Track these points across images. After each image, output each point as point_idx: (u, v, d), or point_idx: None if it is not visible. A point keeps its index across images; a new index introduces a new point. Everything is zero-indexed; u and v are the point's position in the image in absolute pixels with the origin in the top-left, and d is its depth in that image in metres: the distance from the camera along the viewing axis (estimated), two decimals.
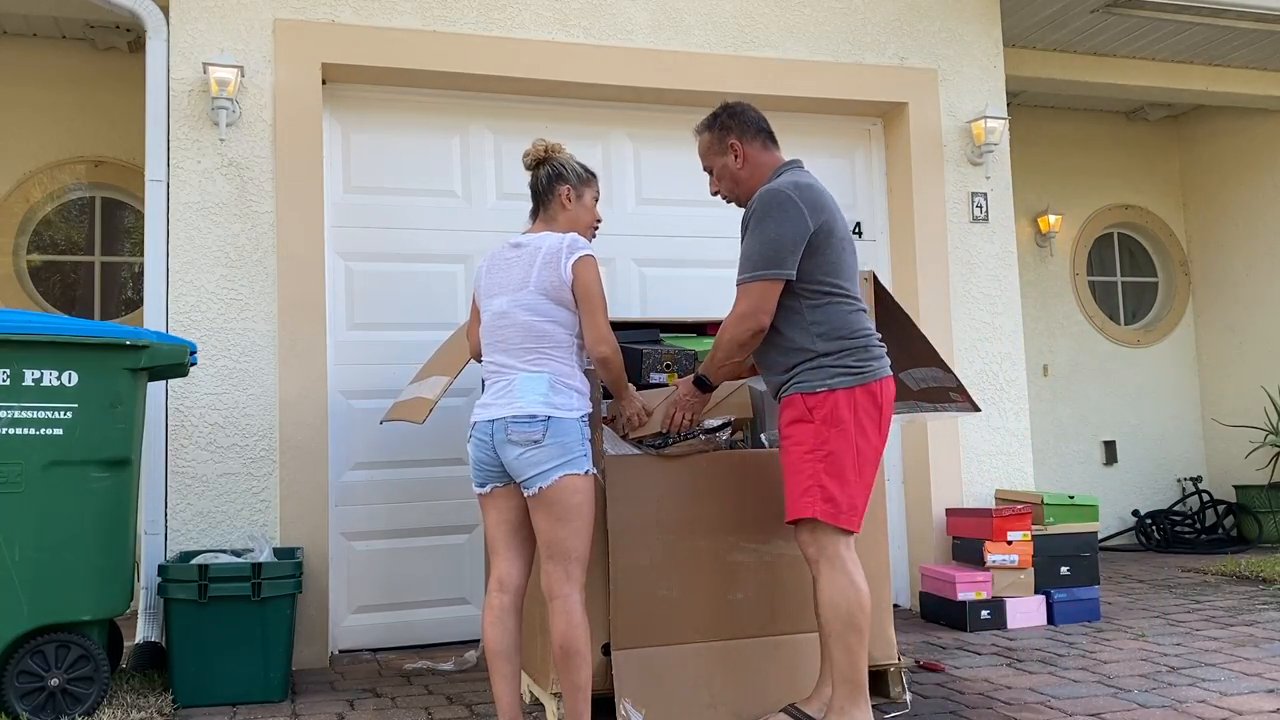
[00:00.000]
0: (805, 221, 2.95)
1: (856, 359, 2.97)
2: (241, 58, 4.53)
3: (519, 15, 4.93)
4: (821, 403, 2.95)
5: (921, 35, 5.56)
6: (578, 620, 2.89)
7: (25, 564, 3.42)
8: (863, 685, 2.91)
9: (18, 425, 3.45)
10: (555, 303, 2.96)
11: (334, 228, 4.81)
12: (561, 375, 2.95)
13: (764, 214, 2.97)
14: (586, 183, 3.18)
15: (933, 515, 5.27)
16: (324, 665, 4.41)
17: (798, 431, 2.99)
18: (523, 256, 3.02)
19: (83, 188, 5.95)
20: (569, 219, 3.13)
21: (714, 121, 3.24)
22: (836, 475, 2.93)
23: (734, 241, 5.36)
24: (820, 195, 3.04)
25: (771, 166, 3.18)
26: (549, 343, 2.96)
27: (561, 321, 2.97)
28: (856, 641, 2.89)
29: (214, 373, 4.42)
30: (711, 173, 3.27)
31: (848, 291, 3.03)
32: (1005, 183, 5.65)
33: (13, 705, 3.39)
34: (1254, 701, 3.46)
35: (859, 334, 3.01)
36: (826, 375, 2.96)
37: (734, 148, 3.18)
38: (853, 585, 2.90)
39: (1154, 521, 7.60)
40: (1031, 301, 7.62)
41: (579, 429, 2.93)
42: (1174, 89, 6.89)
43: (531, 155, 3.18)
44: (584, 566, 2.94)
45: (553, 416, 2.88)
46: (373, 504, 4.75)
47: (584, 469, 2.91)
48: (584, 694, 2.89)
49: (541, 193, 3.15)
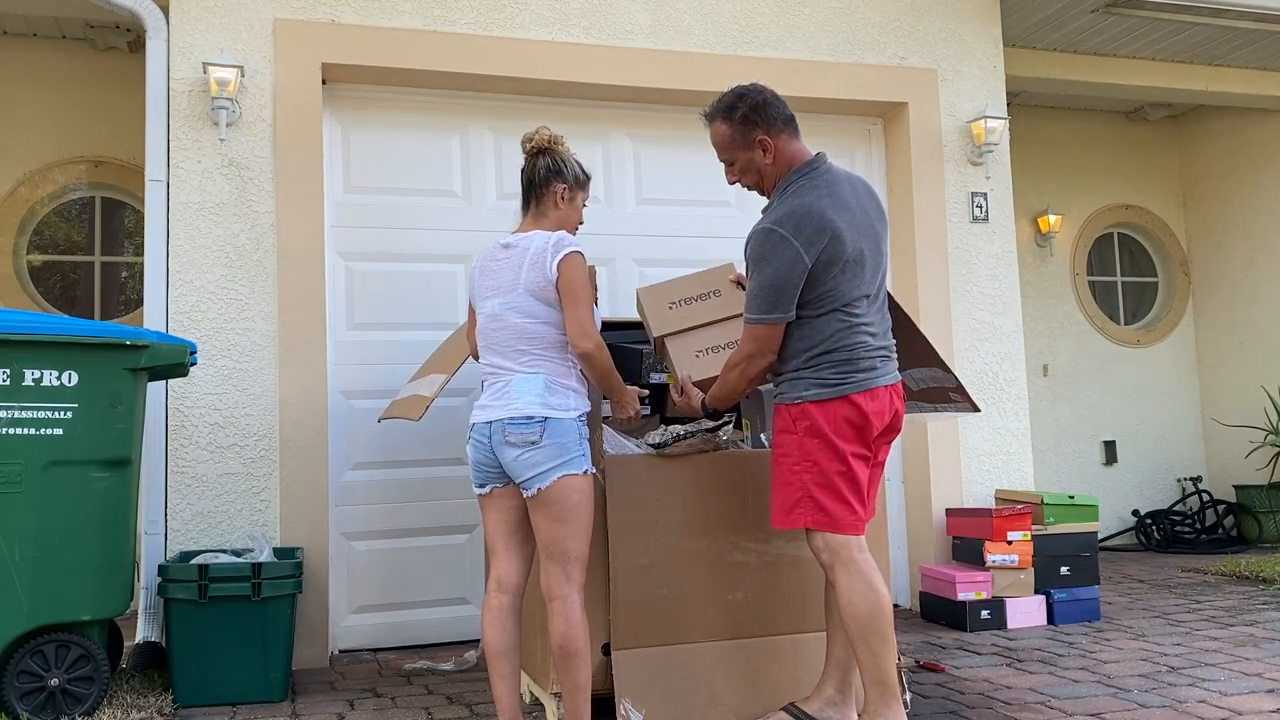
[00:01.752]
0: (802, 261, 2.89)
1: (835, 372, 2.94)
2: (241, 58, 4.54)
3: (519, 15, 4.93)
4: (801, 414, 2.96)
5: (921, 35, 5.56)
6: (577, 620, 2.88)
7: (25, 564, 3.42)
8: (893, 686, 2.89)
9: (18, 425, 3.45)
10: (544, 303, 2.94)
11: (334, 228, 4.81)
12: (557, 375, 2.94)
13: (761, 256, 2.94)
14: (582, 185, 3.15)
15: (933, 515, 5.27)
16: (324, 665, 4.41)
17: (784, 442, 3.01)
18: (512, 257, 3.00)
19: (83, 188, 5.95)
20: (559, 218, 3.10)
21: (732, 112, 3.09)
22: (824, 485, 2.93)
23: (733, 242, 5.37)
24: (820, 223, 2.91)
25: (797, 158, 3.07)
26: (542, 344, 2.95)
27: (552, 322, 2.95)
28: (880, 643, 2.88)
29: (214, 373, 4.42)
30: (731, 165, 3.15)
31: (845, 309, 2.97)
32: (1005, 183, 5.65)
33: (13, 705, 3.39)
34: (1254, 701, 3.46)
35: (841, 348, 2.95)
36: (803, 387, 2.97)
37: (764, 143, 3.06)
38: (870, 587, 2.89)
39: (1154, 521, 7.60)
40: (1031, 301, 7.62)
41: (576, 429, 2.92)
42: (1174, 89, 6.89)
43: (534, 142, 3.11)
44: (583, 567, 2.93)
45: (549, 417, 2.88)
46: (372, 504, 4.75)
47: (582, 469, 2.91)
48: (584, 694, 2.89)
49: (536, 184, 3.09)
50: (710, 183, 5.38)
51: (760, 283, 2.95)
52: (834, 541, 2.94)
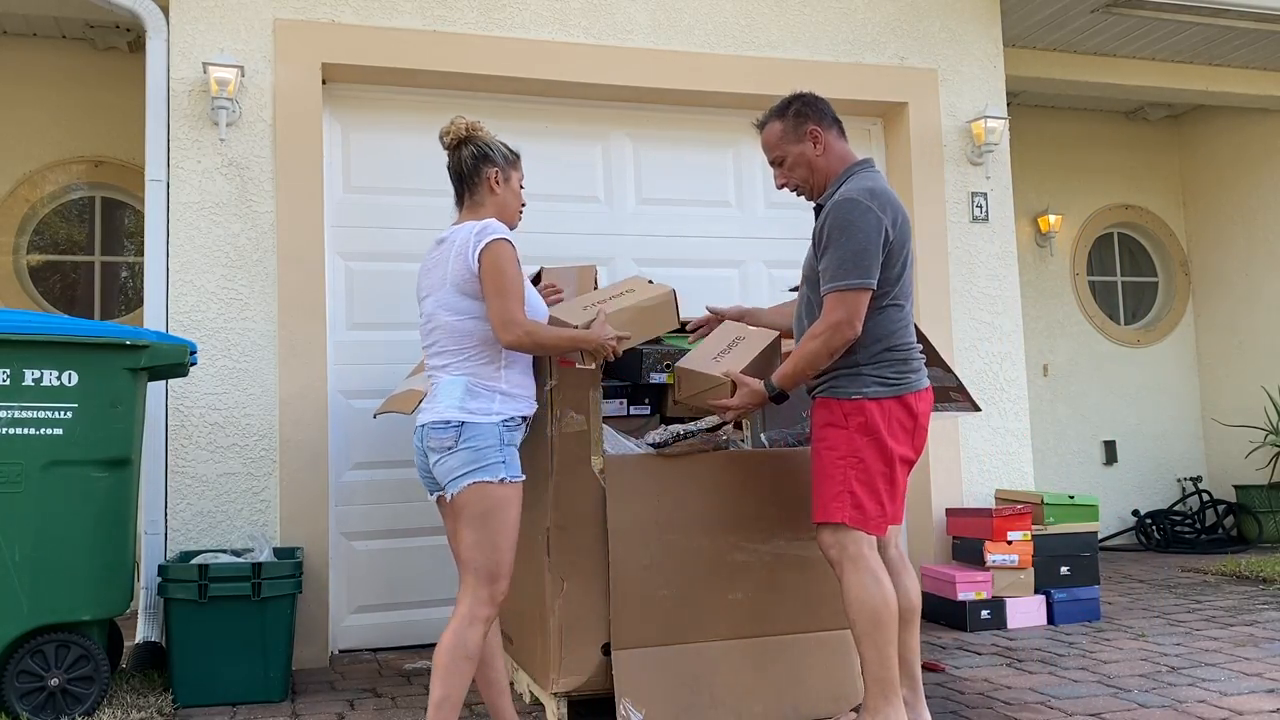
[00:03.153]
0: (885, 229, 2.92)
1: (895, 370, 2.97)
2: (241, 58, 4.53)
3: (519, 15, 4.93)
4: (856, 410, 2.95)
5: (921, 35, 5.56)
6: (453, 644, 2.69)
7: (25, 564, 3.42)
8: (894, 683, 2.91)
9: (18, 425, 3.45)
10: (470, 297, 2.81)
11: (334, 228, 4.81)
12: (482, 377, 2.81)
13: (847, 223, 2.92)
14: (513, 164, 3.00)
15: (933, 515, 5.27)
16: (324, 665, 4.41)
17: (831, 435, 2.99)
18: (443, 253, 2.88)
19: (83, 188, 5.95)
20: (497, 204, 2.96)
21: (786, 109, 3.15)
22: (866, 483, 2.94)
23: (733, 241, 5.39)
24: (895, 204, 2.98)
25: (846, 159, 3.12)
26: (471, 341, 2.82)
27: (480, 316, 2.82)
28: (884, 640, 2.89)
29: (214, 373, 4.42)
30: (782, 164, 3.15)
31: (901, 304, 3.00)
32: (1005, 183, 5.65)
33: (13, 705, 3.39)
34: (1254, 701, 3.46)
35: (900, 347, 2.99)
36: (862, 384, 2.95)
37: (814, 134, 3.10)
38: (878, 584, 2.91)
39: (1154, 521, 7.60)
40: (1031, 301, 7.62)
41: (496, 434, 2.77)
42: (1174, 89, 6.89)
43: (451, 134, 2.97)
44: (490, 583, 2.74)
45: (466, 422, 2.75)
46: (372, 504, 4.75)
47: (497, 476, 2.75)
48: (441, 713, 2.69)
49: (466, 175, 2.95)
50: (710, 183, 5.38)
51: (849, 249, 2.90)
52: (845, 538, 2.94)
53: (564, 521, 3.28)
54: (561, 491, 3.28)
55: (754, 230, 5.39)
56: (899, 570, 3.15)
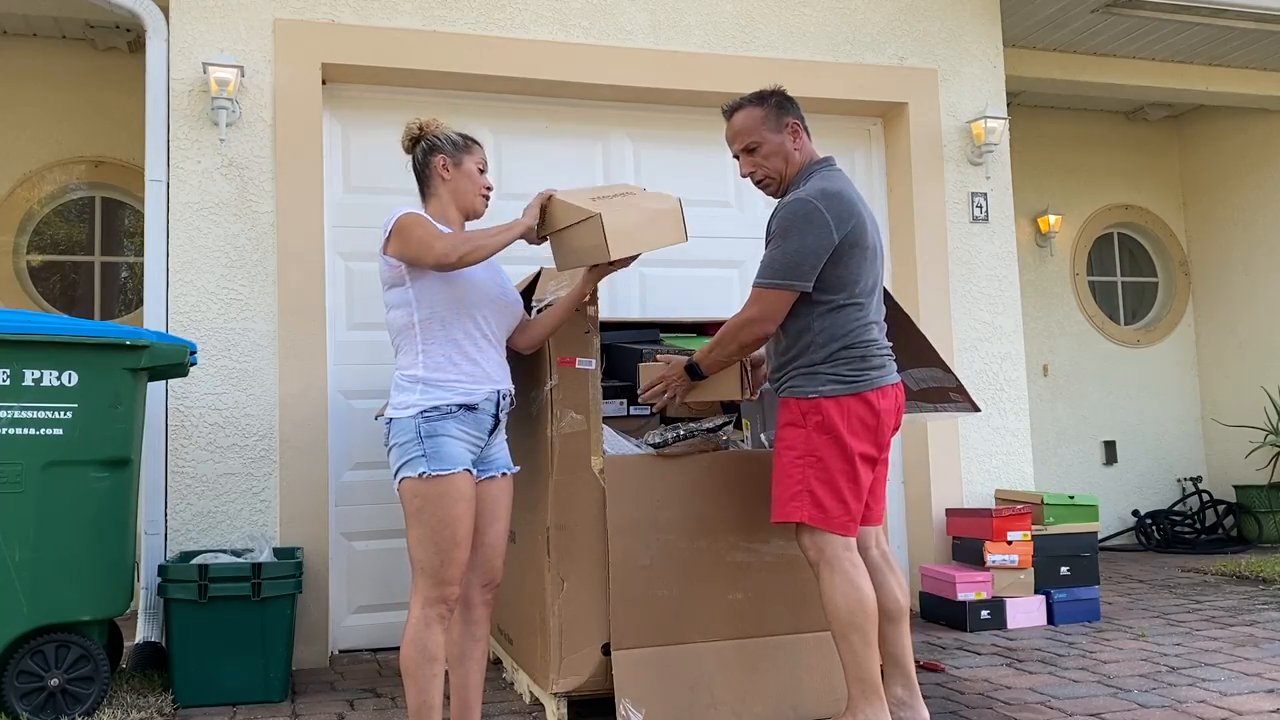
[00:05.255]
0: (831, 234, 2.93)
1: (852, 368, 2.97)
2: (241, 58, 4.54)
3: (519, 15, 4.93)
4: (813, 409, 2.96)
5: (921, 35, 5.56)
6: (409, 639, 2.69)
7: (25, 564, 3.41)
8: (874, 683, 2.92)
9: (18, 425, 3.45)
10: (392, 284, 2.77)
11: (334, 228, 4.81)
12: (403, 369, 2.77)
13: (790, 224, 2.94)
14: (465, 149, 2.91)
15: (933, 515, 5.27)
16: (324, 665, 4.41)
17: (789, 434, 3.01)
18: None
19: (83, 188, 5.95)
20: (452, 190, 2.89)
21: (767, 98, 3.14)
22: (826, 481, 2.94)
23: (733, 241, 5.39)
24: (849, 204, 2.98)
25: (813, 159, 3.14)
26: (398, 333, 2.80)
27: (398, 303, 2.77)
28: (860, 641, 2.90)
29: (214, 373, 4.42)
30: (755, 151, 3.12)
31: (859, 303, 3.01)
32: (1005, 183, 5.65)
33: (13, 705, 3.39)
34: (1254, 701, 3.46)
35: (859, 344, 2.99)
36: (819, 383, 2.97)
37: (794, 128, 3.12)
38: (853, 586, 2.91)
39: (1154, 521, 7.60)
40: (1031, 301, 7.63)
41: (413, 428, 2.69)
42: (1174, 89, 6.89)
43: (406, 134, 2.95)
44: (429, 578, 2.69)
45: (393, 419, 2.74)
46: (373, 504, 4.75)
47: (418, 471, 2.67)
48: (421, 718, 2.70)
49: (419, 170, 2.93)
50: (710, 183, 5.38)
51: (785, 249, 2.94)
52: (821, 540, 2.95)
53: (564, 521, 3.28)
54: (561, 491, 3.29)
55: (754, 230, 5.39)
56: (881, 571, 3.15)
